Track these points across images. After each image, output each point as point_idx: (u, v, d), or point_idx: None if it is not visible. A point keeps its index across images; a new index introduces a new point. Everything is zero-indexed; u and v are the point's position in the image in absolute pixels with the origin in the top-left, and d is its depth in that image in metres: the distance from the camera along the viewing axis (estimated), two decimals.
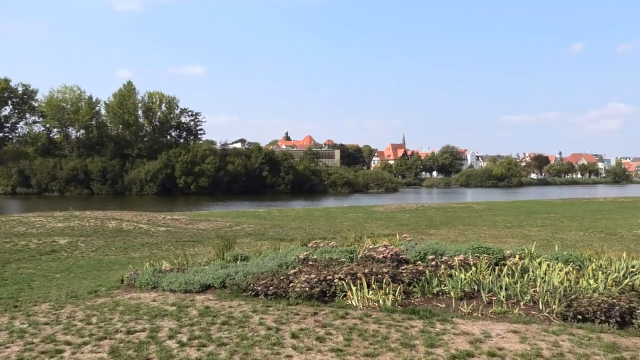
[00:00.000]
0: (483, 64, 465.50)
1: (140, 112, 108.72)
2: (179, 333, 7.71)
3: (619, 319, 7.88)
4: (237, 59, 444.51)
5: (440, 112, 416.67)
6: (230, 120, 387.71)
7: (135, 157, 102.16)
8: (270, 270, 10.75)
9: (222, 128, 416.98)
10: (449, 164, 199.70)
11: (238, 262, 12.22)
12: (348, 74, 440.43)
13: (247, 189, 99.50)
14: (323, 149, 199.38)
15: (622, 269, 10.55)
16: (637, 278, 10.03)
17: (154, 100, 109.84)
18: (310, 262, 11.20)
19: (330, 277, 9.69)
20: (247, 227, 27.83)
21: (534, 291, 9.12)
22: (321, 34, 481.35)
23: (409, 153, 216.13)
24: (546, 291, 8.90)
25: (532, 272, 10.09)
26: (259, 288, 9.67)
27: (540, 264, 10.50)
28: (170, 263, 12.82)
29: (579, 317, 8.02)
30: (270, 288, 9.58)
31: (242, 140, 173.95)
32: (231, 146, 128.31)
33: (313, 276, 9.68)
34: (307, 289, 9.29)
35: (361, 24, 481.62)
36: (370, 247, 12.15)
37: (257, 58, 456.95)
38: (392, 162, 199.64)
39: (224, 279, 10.45)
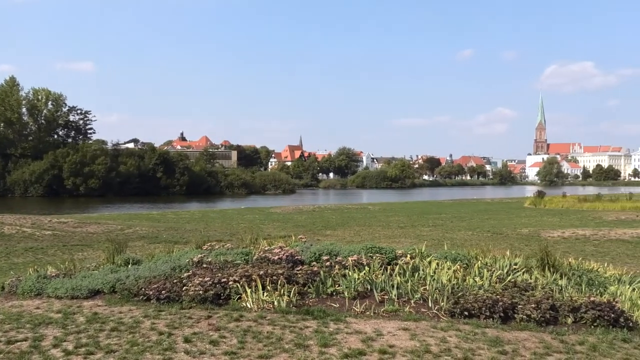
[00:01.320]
0: (379, 67, 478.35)
1: (24, 110, 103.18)
2: (65, 341, 7.34)
3: (502, 314, 8.27)
4: (130, 56, 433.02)
5: (337, 114, 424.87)
6: (122, 119, 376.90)
7: (19, 157, 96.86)
8: (163, 273, 10.48)
9: (114, 127, 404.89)
10: (345, 165, 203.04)
11: (129, 266, 11.82)
12: (246, 75, 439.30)
13: (140, 190, 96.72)
14: (220, 150, 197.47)
15: (506, 266, 11.11)
16: (519, 275, 10.59)
17: (39, 97, 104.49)
18: (205, 265, 11.02)
19: (225, 279, 9.57)
20: (140, 230, 27.02)
21: (424, 289, 9.41)
22: (217, 34, 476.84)
23: (306, 154, 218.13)
24: (435, 289, 9.21)
25: (423, 270, 10.42)
26: (151, 292, 9.39)
27: (430, 262, 10.85)
28: (57, 268, 12.19)
29: (466, 313, 8.36)
30: (163, 292, 9.33)
31: (135, 140, 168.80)
32: (123, 146, 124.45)
33: (207, 279, 9.52)
34: (201, 292, 9.12)
35: (256, 25, 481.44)
36: (266, 248, 12.10)
37: (152, 55, 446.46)
38: (289, 163, 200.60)
39: (114, 284, 10.06)
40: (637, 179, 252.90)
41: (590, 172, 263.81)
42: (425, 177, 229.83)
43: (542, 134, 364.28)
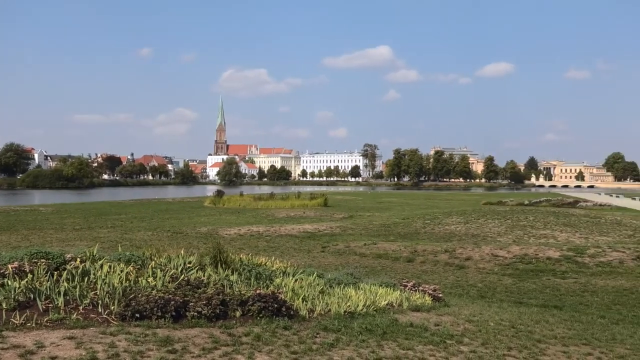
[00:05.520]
0: (54, 57, 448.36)
1: None
2: None
3: (174, 313, 8.27)
4: None
5: (1, 107, 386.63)
6: None
7: None
8: None
9: None
10: (13, 163, 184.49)
11: None
12: None
13: None
14: None
15: (180, 265, 11.19)
16: (193, 273, 10.76)
17: None
18: None
19: None
20: None
21: (94, 294, 8.95)
22: None
23: None
24: (106, 293, 8.84)
25: (94, 274, 9.91)
26: None
27: (102, 266, 10.38)
28: None
29: (138, 315, 8.15)
30: None
31: None
32: None
33: None
34: None
35: None
36: None
37: None
38: None
39: None
40: (305, 179, 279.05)
41: (266, 172, 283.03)
42: (106, 176, 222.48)
43: (222, 136, 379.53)
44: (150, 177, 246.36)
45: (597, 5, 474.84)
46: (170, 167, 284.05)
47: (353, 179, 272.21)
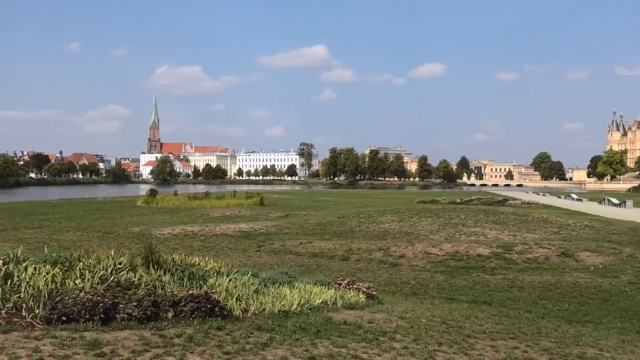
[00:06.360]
0: None
1: None
2: None
3: (103, 316, 8.03)
4: None
5: None
6: None
7: None
8: None
9: None
10: None
11: None
12: None
13: None
14: None
15: (110, 266, 10.88)
16: (124, 274, 10.50)
17: None
18: None
19: None
20: None
21: (17, 297, 8.61)
22: None
23: None
24: (31, 296, 8.53)
25: (18, 277, 9.54)
26: None
27: (26, 267, 10.00)
28: None
29: (64, 318, 7.89)
30: None
31: None
32: None
33: None
34: None
35: None
36: None
37: None
38: None
39: None
40: (241, 178, 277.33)
41: (201, 171, 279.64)
42: (32, 175, 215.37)
43: (156, 133, 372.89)
44: (81, 176, 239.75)
45: (524, 8, 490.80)
46: (101, 165, 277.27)
47: (290, 178, 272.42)
